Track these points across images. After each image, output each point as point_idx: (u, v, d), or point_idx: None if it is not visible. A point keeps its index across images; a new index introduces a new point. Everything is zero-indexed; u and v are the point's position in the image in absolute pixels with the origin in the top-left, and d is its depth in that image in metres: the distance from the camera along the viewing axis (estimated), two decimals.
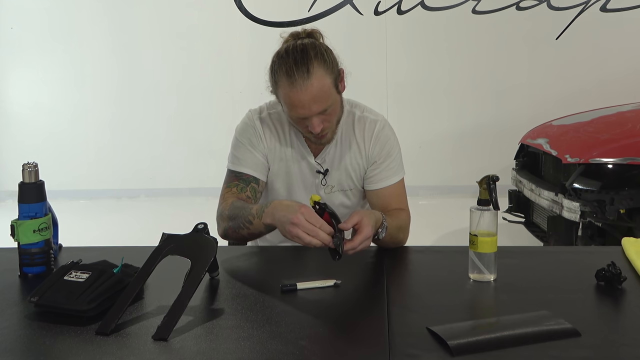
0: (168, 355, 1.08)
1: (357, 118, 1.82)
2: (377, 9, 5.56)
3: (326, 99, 1.63)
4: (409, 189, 1.89)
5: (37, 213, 1.44)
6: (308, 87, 1.59)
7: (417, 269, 1.46)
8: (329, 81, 1.64)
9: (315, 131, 1.65)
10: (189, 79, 5.76)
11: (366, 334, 1.14)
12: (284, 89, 1.62)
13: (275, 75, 1.65)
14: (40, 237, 1.44)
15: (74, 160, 5.87)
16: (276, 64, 1.64)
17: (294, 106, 1.62)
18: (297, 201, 1.68)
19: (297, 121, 1.67)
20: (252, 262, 1.64)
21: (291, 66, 1.59)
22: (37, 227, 1.44)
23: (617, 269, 1.33)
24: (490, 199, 1.36)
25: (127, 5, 5.72)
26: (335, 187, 1.83)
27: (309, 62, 1.60)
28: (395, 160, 1.83)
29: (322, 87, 1.61)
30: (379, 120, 1.83)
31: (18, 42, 5.79)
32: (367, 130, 1.81)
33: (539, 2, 5.43)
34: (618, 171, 3.20)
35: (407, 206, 1.83)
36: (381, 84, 5.61)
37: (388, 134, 1.83)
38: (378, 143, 1.81)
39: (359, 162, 1.82)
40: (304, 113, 1.62)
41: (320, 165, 1.81)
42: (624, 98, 4.75)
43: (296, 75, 1.58)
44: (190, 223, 1.38)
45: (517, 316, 1.17)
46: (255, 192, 1.78)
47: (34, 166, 1.47)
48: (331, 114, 1.68)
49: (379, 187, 1.81)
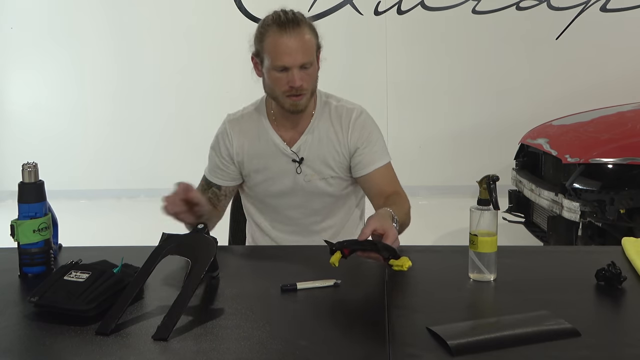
0: (168, 355, 1.08)
1: (334, 107, 1.86)
2: (377, 9, 5.56)
3: (310, 54, 1.72)
4: (409, 188, 1.89)
5: (36, 213, 1.44)
6: (298, 34, 1.69)
7: (417, 269, 1.46)
8: (314, 42, 1.74)
9: (297, 84, 1.69)
10: (189, 79, 5.76)
11: (366, 334, 1.14)
12: (273, 37, 1.69)
13: (262, 29, 1.73)
14: (40, 237, 1.44)
15: (73, 160, 5.86)
16: (265, 21, 1.74)
17: (281, 53, 1.68)
18: (273, 191, 1.85)
19: (278, 77, 1.71)
20: (252, 262, 1.64)
21: (282, 19, 1.70)
22: (37, 227, 1.44)
23: (617, 269, 1.33)
24: (490, 199, 1.36)
25: (126, 5, 5.72)
26: (317, 175, 1.85)
27: (299, 19, 1.72)
28: (378, 144, 1.86)
29: (309, 41, 1.72)
30: (355, 108, 1.87)
31: (18, 42, 5.79)
32: (344, 118, 1.85)
33: (539, 2, 5.43)
34: (618, 171, 3.20)
35: (402, 188, 1.86)
36: (381, 84, 5.61)
37: (365, 120, 1.87)
38: (356, 130, 1.84)
39: (338, 151, 1.84)
40: (289, 61, 1.68)
41: (295, 154, 1.83)
42: (624, 98, 4.75)
43: (287, 24, 1.68)
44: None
45: (517, 316, 1.17)
46: (217, 195, 1.89)
47: (34, 166, 1.47)
48: (311, 75, 1.74)
49: (368, 172, 1.83)
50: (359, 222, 2.00)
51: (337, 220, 1.92)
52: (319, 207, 1.88)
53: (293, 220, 1.90)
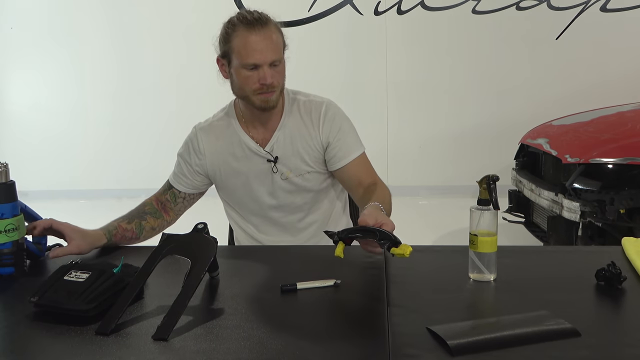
0: (168, 355, 1.08)
1: (302, 103, 1.86)
2: (377, 9, 5.56)
3: (279, 52, 1.72)
4: (409, 189, 1.89)
5: (3, 214, 1.42)
6: (266, 32, 1.69)
7: (417, 269, 1.46)
8: (281, 40, 1.74)
9: (268, 81, 1.70)
10: (189, 79, 5.76)
11: (366, 334, 1.14)
12: (241, 36, 1.70)
13: (229, 29, 1.73)
14: (7, 238, 1.42)
15: (73, 160, 5.87)
16: (230, 21, 1.74)
17: (251, 50, 1.68)
18: (253, 194, 1.84)
19: (249, 75, 1.71)
20: (252, 262, 1.64)
21: (250, 19, 1.70)
22: (4, 228, 1.42)
23: (617, 269, 1.33)
24: (490, 199, 1.36)
25: (126, 5, 5.72)
26: (293, 172, 1.84)
27: (266, 18, 1.72)
28: (350, 135, 1.85)
29: (277, 39, 1.72)
30: (324, 102, 1.87)
31: (18, 42, 5.79)
32: (314, 113, 1.84)
33: (539, 2, 5.43)
34: (618, 171, 3.20)
35: (379, 177, 1.85)
36: (381, 84, 5.61)
37: (335, 112, 1.86)
38: (327, 123, 1.83)
39: (311, 145, 1.84)
40: (260, 58, 1.68)
41: (269, 154, 1.83)
42: (624, 98, 4.75)
43: (254, 23, 1.69)
44: (190, 223, 1.38)
45: (517, 316, 1.17)
46: (175, 197, 1.90)
47: (5, 166, 1.44)
48: (280, 72, 1.74)
49: (344, 164, 1.83)
50: (342, 214, 2.01)
51: (320, 214, 1.92)
52: (300, 204, 1.89)
53: (277, 220, 1.90)
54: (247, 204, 1.90)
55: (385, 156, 5.57)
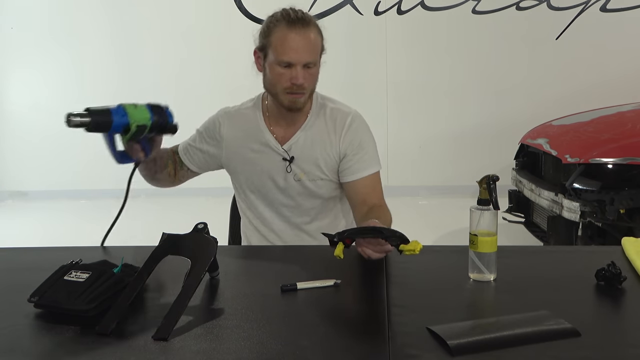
0: (168, 355, 1.08)
1: (329, 109, 1.86)
2: (377, 9, 5.56)
3: (315, 54, 1.73)
4: (409, 189, 1.90)
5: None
6: (306, 32, 1.70)
7: (416, 269, 1.46)
8: (320, 43, 1.75)
9: (299, 81, 1.70)
10: (189, 79, 5.76)
11: (366, 334, 1.14)
12: (281, 32, 1.70)
13: (270, 24, 1.73)
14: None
15: (73, 160, 5.86)
16: (274, 16, 1.74)
17: (288, 49, 1.69)
18: (258, 188, 1.86)
19: (281, 73, 1.71)
20: (252, 262, 1.64)
21: (292, 16, 1.71)
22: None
23: (617, 269, 1.33)
24: (490, 199, 1.36)
25: (127, 5, 5.72)
26: (306, 175, 1.84)
27: (309, 19, 1.73)
28: (369, 153, 1.85)
29: (316, 42, 1.73)
30: (351, 113, 1.86)
31: (18, 42, 5.79)
32: (339, 121, 1.84)
33: (539, 2, 5.43)
34: (618, 171, 3.20)
35: (384, 201, 1.84)
36: (381, 84, 5.61)
37: (359, 126, 1.86)
38: (349, 134, 1.83)
39: (329, 153, 1.84)
40: (295, 57, 1.69)
41: (286, 152, 1.83)
42: (624, 98, 4.75)
43: (296, 22, 1.69)
44: (190, 223, 1.38)
45: (517, 316, 1.17)
46: (175, 165, 1.95)
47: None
48: (313, 75, 1.74)
49: (354, 179, 1.83)
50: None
51: (325, 223, 1.91)
52: (309, 208, 1.88)
53: (285, 217, 1.90)
54: (259, 191, 1.89)
55: (385, 156, 5.57)
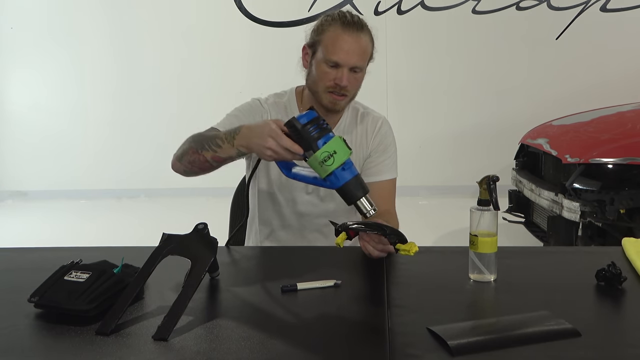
0: (168, 355, 1.08)
1: (361, 113, 1.90)
2: (377, 9, 5.56)
3: (364, 59, 1.73)
4: (409, 189, 1.90)
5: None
6: (359, 36, 1.71)
7: (417, 269, 1.46)
8: (370, 51, 1.76)
9: (344, 83, 1.70)
10: (189, 79, 5.76)
11: (366, 334, 1.14)
12: (334, 32, 1.71)
13: (325, 22, 1.74)
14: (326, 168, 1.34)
15: (73, 160, 5.87)
16: (330, 16, 1.75)
17: (339, 49, 1.69)
18: (285, 184, 1.81)
19: (327, 72, 1.71)
20: (252, 262, 1.64)
21: (348, 19, 1.72)
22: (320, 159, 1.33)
23: (617, 269, 1.33)
24: (490, 199, 1.36)
25: (126, 5, 5.73)
26: None
27: (364, 24, 1.74)
28: (390, 159, 1.89)
29: (366, 47, 1.73)
30: (382, 118, 1.92)
31: (18, 42, 5.79)
32: (370, 124, 1.88)
33: (539, 2, 5.43)
34: (618, 171, 3.20)
35: (395, 210, 1.86)
36: (381, 83, 5.61)
37: (388, 131, 1.90)
38: (377, 137, 1.87)
39: (358, 154, 1.85)
40: (344, 59, 1.69)
41: None
42: (624, 98, 4.76)
43: (351, 24, 1.71)
44: (190, 223, 1.38)
45: (517, 316, 1.17)
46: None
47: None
48: (358, 80, 1.75)
49: (372, 181, 1.82)
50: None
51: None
52: (331, 210, 1.86)
53: (305, 217, 1.86)
54: (288, 187, 1.84)
55: None
